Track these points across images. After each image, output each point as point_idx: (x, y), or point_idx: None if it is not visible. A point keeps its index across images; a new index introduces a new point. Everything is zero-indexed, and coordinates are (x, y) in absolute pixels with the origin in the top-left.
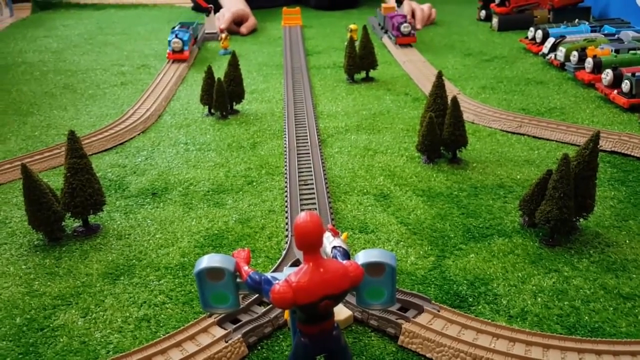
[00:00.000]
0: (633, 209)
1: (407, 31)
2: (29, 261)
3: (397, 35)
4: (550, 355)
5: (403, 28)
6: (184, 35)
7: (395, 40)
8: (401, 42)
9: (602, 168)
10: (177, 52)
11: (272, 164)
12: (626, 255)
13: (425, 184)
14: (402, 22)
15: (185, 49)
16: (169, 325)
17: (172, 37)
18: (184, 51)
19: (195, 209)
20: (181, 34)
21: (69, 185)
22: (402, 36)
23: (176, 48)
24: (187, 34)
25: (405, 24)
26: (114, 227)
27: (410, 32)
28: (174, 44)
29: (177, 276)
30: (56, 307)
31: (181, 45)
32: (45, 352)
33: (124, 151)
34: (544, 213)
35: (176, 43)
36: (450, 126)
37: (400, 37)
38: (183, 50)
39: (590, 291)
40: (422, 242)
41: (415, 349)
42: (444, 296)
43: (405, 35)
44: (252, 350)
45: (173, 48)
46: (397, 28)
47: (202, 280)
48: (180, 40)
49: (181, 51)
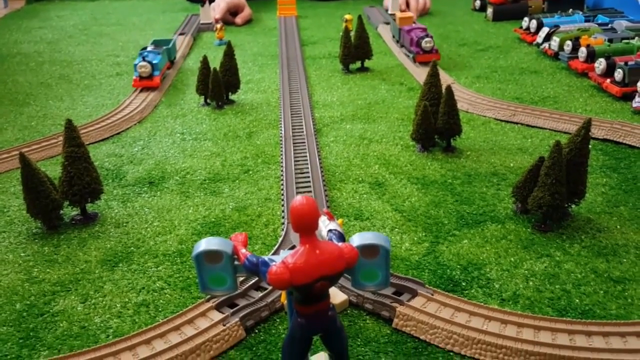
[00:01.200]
0: (624, 195)
1: (429, 47)
2: (28, 249)
3: (417, 52)
4: (541, 336)
5: (425, 44)
6: (154, 58)
7: (414, 58)
8: (422, 60)
9: (594, 156)
10: (145, 78)
11: (268, 153)
12: (617, 240)
13: (419, 172)
14: (422, 37)
15: (155, 74)
16: (168, 310)
17: (139, 60)
18: (153, 77)
19: (192, 197)
20: (151, 56)
21: (66, 173)
22: (424, 53)
23: (143, 73)
24: (159, 57)
25: (427, 38)
26: (111, 215)
27: (433, 49)
28: (141, 69)
29: (175, 263)
30: (55, 293)
31: (150, 69)
32: (45, 336)
33: (121, 141)
34: (536, 199)
35: (143, 67)
36: (444, 115)
37: (420, 54)
38: (152, 76)
39: (582, 275)
40: (416, 228)
41: (410, 332)
42: (437, 280)
43: (427, 52)
44: (250, 333)
45: (140, 73)
46: (417, 44)
47: (200, 263)
48: (148, 63)
49: (150, 77)
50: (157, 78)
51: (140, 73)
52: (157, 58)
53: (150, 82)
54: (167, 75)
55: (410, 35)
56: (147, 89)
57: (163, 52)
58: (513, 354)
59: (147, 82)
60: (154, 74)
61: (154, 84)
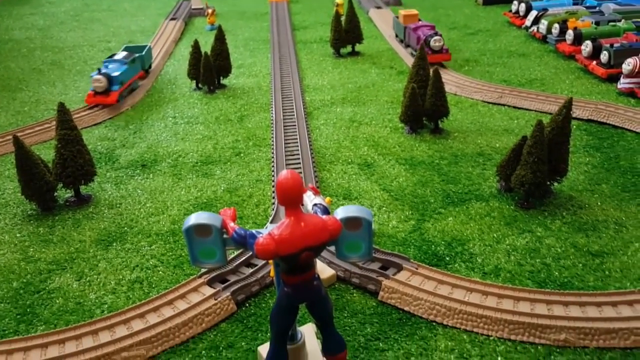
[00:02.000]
0: (606, 173)
1: (438, 46)
2: (23, 229)
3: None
4: (520, 307)
5: (433, 42)
6: (116, 70)
7: None
8: (432, 61)
9: (578, 136)
10: (100, 93)
11: (259, 136)
12: (597, 216)
13: (407, 153)
14: (431, 36)
15: (113, 88)
16: (161, 286)
17: (96, 72)
18: (110, 93)
19: (184, 179)
20: (111, 69)
21: (60, 156)
22: (433, 53)
23: (98, 88)
24: (123, 68)
25: (435, 37)
26: (105, 197)
27: (443, 48)
28: (95, 83)
29: (167, 242)
30: (51, 271)
31: (105, 84)
32: (42, 312)
33: (113, 125)
34: (519, 177)
35: (97, 82)
36: (432, 97)
37: (430, 53)
38: (109, 92)
39: (562, 249)
40: (403, 207)
41: (394, 304)
42: (422, 256)
43: (437, 52)
44: (240, 307)
45: (94, 88)
46: (425, 43)
47: (191, 237)
48: (104, 77)
49: (106, 92)
50: (115, 94)
51: (94, 87)
52: (120, 69)
53: (104, 99)
54: (139, 86)
55: (417, 33)
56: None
57: (131, 62)
58: (492, 323)
59: (101, 98)
60: (112, 88)
61: (109, 101)
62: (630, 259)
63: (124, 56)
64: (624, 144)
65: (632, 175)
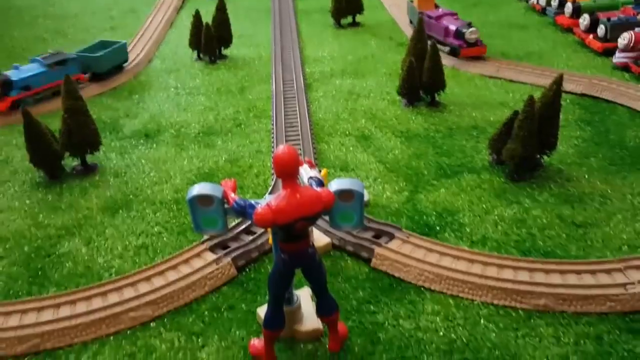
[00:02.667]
0: (595, 147)
1: (474, 38)
2: (32, 197)
3: (459, 45)
4: (503, 273)
5: (469, 35)
6: (23, 73)
7: (456, 51)
8: (468, 54)
9: (571, 110)
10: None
11: (260, 107)
12: (584, 188)
13: (404, 125)
14: (464, 27)
15: (10, 94)
16: (165, 252)
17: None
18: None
19: (186, 150)
20: (18, 72)
21: (66, 126)
22: (468, 45)
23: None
24: (36, 71)
25: (471, 29)
26: (110, 166)
27: (478, 40)
28: None
29: (171, 210)
30: (61, 237)
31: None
32: (52, 275)
33: (117, 95)
34: (509, 151)
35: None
36: (429, 70)
37: (465, 47)
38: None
39: (547, 220)
40: (397, 178)
41: (385, 270)
42: (414, 225)
43: (472, 45)
44: (241, 272)
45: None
46: (458, 35)
47: (194, 206)
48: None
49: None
50: (9, 101)
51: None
52: (30, 73)
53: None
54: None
55: (444, 24)
56: None
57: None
58: (477, 289)
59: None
60: (10, 94)
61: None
62: (612, 230)
63: (49, 57)
64: (615, 118)
65: (620, 149)
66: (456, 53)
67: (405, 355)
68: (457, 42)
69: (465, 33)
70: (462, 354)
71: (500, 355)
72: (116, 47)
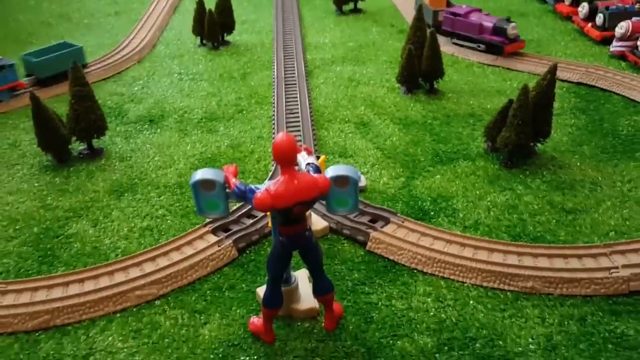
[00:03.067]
0: (589, 135)
1: (515, 34)
2: (41, 179)
3: (502, 42)
4: (493, 257)
5: (511, 30)
6: None
7: (500, 49)
8: (511, 50)
9: (566, 98)
10: None
11: (261, 93)
12: (575, 175)
13: (402, 113)
14: (503, 21)
15: None
16: (169, 234)
17: None
18: None
19: (189, 135)
20: None
21: (73, 111)
22: (510, 42)
23: None
24: None
25: (512, 24)
26: (116, 150)
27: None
28: None
29: (175, 193)
30: (68, 218)
31: None
32: (61, 255)
33: (122, 80)
34: (503, 138)
35: None
36: (427, 58)
37: (507, 44)
38: None
39: (538, 206)
40: (394, 165)
41: (380, 253)
42: (409, 210)
43: (513, 40)
44: (241, 253)
45: None
46: (497, 31)
47: (197, 190)
48: None
49: None
50: None
51: None
52: None
53: None
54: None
55: (476, 21)
56: None
57: None
58: (467, 272)
59: None
60: None
61: None
62: (601, 216)
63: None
64: (609, 107)
65: (612, 137)
66: (499, 51)
67: (397, 334)
68: (498, 39)
69: (507, 29)
70: (451, 332)
71: (487, 335)
72: (64, 53)
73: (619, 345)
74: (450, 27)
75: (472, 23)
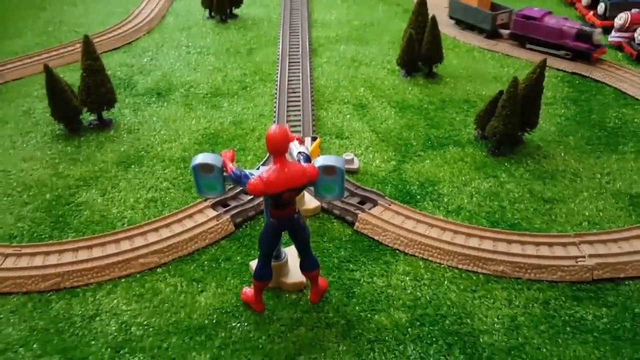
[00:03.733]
0: (576, 126)
1: (599, 39)
2: (53, 148)
3: (588, 49)
4: (470, 242)
5: (596, 37)
6: None
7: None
8: (598, 56)
9: (559, 87)
10: None
11: (265, 70)
12: (558, 166)
13: (400, 96)
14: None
15: None
16: (172, 206)
17: None
18: None
19: (195, 110)
20: None
21: (85, 84)
22: (596, 48)
23: None
24: None
25: (597, 29)
26: (124, 122)
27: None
28: None
29: (179, 167)
30: (79, 187)
31: None
32: (72, 222)
33: (131, 51)
34: (492, 127)
35: None
36: (427, 43)
37: (594, 50)
38: None
39: (519, 194)
40: (387, 148)
41: (366, 233)
42: (397, 194)
43: (599, 46)
44: (238, 228)
45: None
46: (580, 37)
47: (197, 173)
48: None
49: None
50: None
51: None
52: None
53: None
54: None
55: (554, 25)
56: None
57: None
58: (444, 254)
59: None
60: None
61: None
62: (577, 207)
63: None
64: (600, 98)
65: (599, 129)
66: (587, 57)
67: (375, 308)
68: (584, 46)
69: (592, 35)
70: (424, 309)
71: (457, 313)
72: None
73: (576, 328)
74: (522, 30)
75: (551, 27)
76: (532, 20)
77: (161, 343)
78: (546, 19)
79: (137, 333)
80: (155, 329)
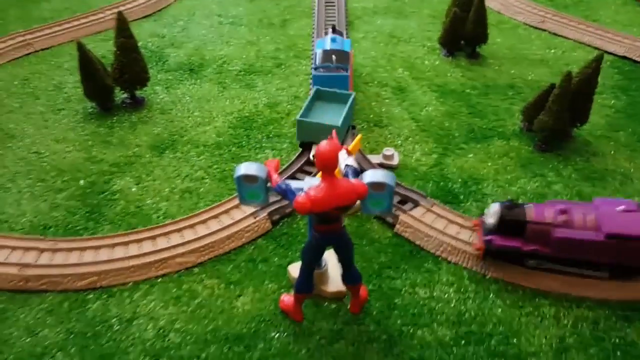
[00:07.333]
0: (627, 120)
1: None
2: (86, 128)
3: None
4: None
5: None
6: None
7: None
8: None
9: (609, 73)
10: None
11: (300, 46)
12: (607, 165)
13: (441, 79)
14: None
15: None
16: (207, 198)
17: None
18: None
19: (228, 89)
20: None
21: (118, 62)
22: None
23: None
24: None
25: None
26: (157, 101)
27: None
28: None
29: (213, 154)
30: (113, 174)
31: None
32: (107, 212)
33: (162, 20)
34: (540, 122)
35: None
36: (472, 23)
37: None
38: None
39: (567, 197)
40: (428, 139)
41: (407, 237)
42: (439, 192)
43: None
44: (275, 226)
45: None
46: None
47: (240, 183)
48: None
49: None
50: None
51: None
52: None
53: None
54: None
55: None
56: None
57: None
58: (490, 265)
59: None
60: None
61: None
62: None
63: None
64: None
65: None
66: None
67: (418, 323)
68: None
69: None
70: (469, 326)
71: (503, 331)
72: None
73: (627, 353)
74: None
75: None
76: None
77: (200, 352)
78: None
79: (175, 340)
80: (194, 336)
